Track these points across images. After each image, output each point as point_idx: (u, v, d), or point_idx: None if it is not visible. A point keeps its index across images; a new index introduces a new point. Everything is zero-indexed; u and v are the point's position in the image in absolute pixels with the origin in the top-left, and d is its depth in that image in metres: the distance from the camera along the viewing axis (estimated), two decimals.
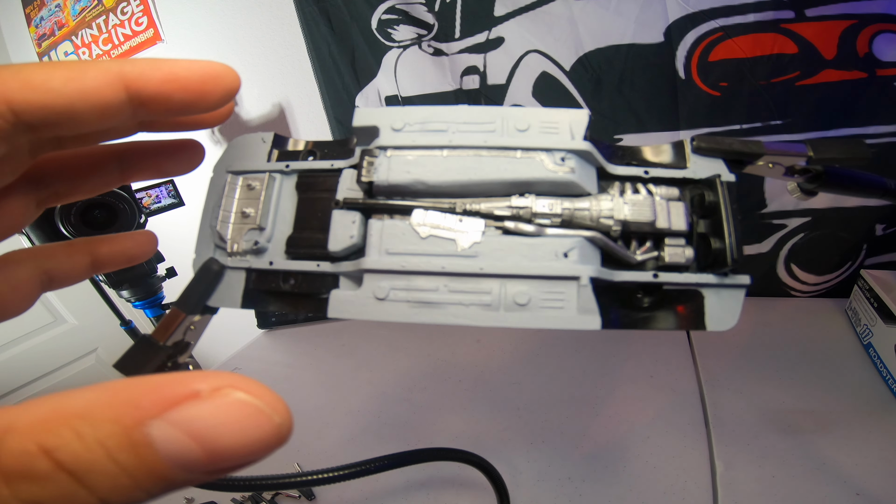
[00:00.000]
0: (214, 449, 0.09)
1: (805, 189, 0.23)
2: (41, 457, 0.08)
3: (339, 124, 0.81)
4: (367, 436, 0.52)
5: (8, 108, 0.12)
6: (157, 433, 0.08)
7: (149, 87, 0.14)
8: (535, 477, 0.43)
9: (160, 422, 0.08)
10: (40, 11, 1.08)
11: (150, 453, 0.08)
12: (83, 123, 0.13)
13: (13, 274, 0.17)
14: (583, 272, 0.18)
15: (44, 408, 0.08)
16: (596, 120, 0.51)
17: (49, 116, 0.12)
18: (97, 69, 0.13)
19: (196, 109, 0.15)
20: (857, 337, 0.55)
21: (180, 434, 0.08)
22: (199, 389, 0.09)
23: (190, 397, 0.09)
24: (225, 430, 0.09)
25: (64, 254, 0.19)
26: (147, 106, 0.14)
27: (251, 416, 0.09)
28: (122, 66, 0.13)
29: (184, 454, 0.08)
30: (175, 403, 0.08)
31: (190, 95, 0.14)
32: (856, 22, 0.51)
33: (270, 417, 0.09)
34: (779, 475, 0.39)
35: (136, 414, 0.08)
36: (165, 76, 0.14)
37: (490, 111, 0.20)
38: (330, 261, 0.20)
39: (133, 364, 0.20)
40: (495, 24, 0.64)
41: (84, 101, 0.13)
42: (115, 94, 0.13)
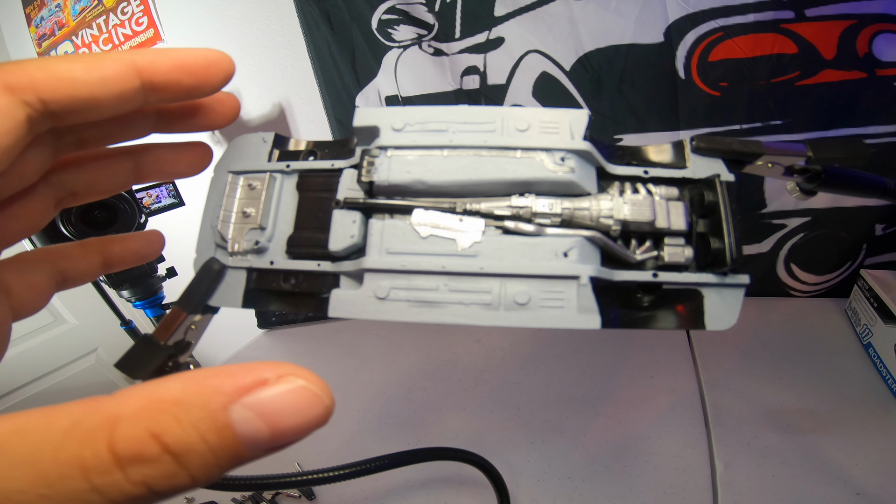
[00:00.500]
0: (278, 428, 0.10)
1: (804, 189, 0.23)
2: (151, 441, 0.09)
3: (340, 124, 0.81)
4: (367, 436, 0.52)
5: (37, 98, 0.13)
6: (236, 416, 0.09)
7: (159, 74, 0.15)
8: (535, 477, 0.43)
9: (238, 406, 0.09)
10: (40, 11, 1.08)
11: (231, 433, 0.09)
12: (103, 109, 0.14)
13: (29, 274, 0.17)
14: (583, 272, 0.18)
15: (142, 397, 0.09)
16: (596, 120, 0.51)
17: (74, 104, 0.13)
18: (113, 58, 0.14)
19: (199, 93, 0.16)
20: (856, 337, 0.55)
21: (253, 415, 0.10)
22: (268, 377, 0.10)
23: (260, 384, 0.10)
24: (288, 411, 0.10)
25: (77, 254, 0.19)
26: (158, 91, 0.15)
27: (308, 398, 0.10)
28: (133, 55, 0.14)
29: (255, 433, 0.10)
30: (249, 389, 0.10)
31: (195, 80, 0.16)
32: (855, 22, 0.51)
33: (322, 399, 0.10)
34: (779, 475, 0.39)
35: (220, 400, 0.09)
36: (173, 62, 0.15)
37: (490, 111, 0.20)
38: (330, 260, 0.20)
39: (134, 364, 0.20)
40: (495, 24, 0.64)
41: (104, 88, 0.14)
42: (131, 80, 0.14)
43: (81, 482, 0.08)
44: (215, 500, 0.44)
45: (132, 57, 0.14)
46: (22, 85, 0.13)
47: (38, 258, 0.18)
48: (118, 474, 0.09)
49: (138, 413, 0.09)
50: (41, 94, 0.13)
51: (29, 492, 0.08)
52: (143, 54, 0.15)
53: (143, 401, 0.09)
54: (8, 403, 1.17)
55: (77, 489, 0.08)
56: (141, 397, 0.09)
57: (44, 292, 0.18)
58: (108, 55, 0.14)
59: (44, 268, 0.18)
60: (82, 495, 0.08)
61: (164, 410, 0.09)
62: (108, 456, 0.09)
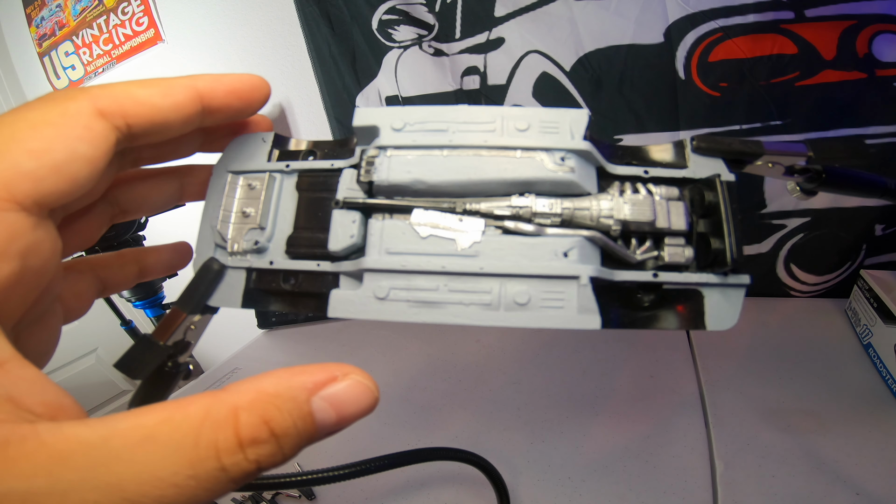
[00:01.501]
0: (343, 415, 0.12)
1: (805, 189, 0.23)
2: (264, 427, 0.11)
3: (340, 124, 0.81)
4: (367, 436, 0.52)
5: (125, 123, 0.15)
6: (316, 405, 0.12)
7: (217, 98, 0.17)
8: (535, 477, 0.43)
9: (317, 398, 0.12)
10: (41, 11, 1.08)
11: (312, 420, 0.12)
12: (171, 131, 0.16)
13: (76, 282, 0.19)
14: (583, 272, 0.18)
15: (252, 391, 0.11)
16: (596, 120, 0.51)
17: (151, 127, 0.15)
18: (180, 84, 0.16)
19: (244, 114, 0.18)
20: (856, 337, 0.55)
21: (327, 405, 0.12)
22: (336, 374, 0.12)
23: (332, 380, 0.12)
24: (351, 401, 0.12)
25: (116, 263, 0.21)
26: (213, 114, 0.17)
27: (364, 391, 0.13)
28: (195, 81, 0.16)
29: (327, 419, 0.12)
30: (325, 385, 0.12)
31: (242, 103, 0.18)
32: (855, 22, 0.51)
33: (373, 391, 0.13)
34: (779, 475, 0.39)
35: (305, 393, 0.12)
36: (228, 88, 0.17)
37: (490, 111, 0.20)
38: (330, 260, 0.20)
39: (133, 364, 0.20)
40: (496, 24, 0.64)
41: (175, 112, 0.16)
42: (195, 105, 0.16)
43: (215, 462, 0.10)
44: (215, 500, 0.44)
45: (195, 83, 0.16)
46: (112, 110, 0.14)
47: (83, 268, 0.20)
48: (240, 455, 0.10)
49: (253, 404, 0.11)
50: (128, 119, 0.15)
51: (179, 473, 0.10)
52: (203, 80, 0.16)
53: (254, 393, 0.11)
54: None
55: (212, 469, 0.10)
56: (251, 390, 0.11)
57: (88, 299, 0.20)
58: (177, 82, 0.16)
59: (88, 277, 0.20)
60: (215, 474, 0.10)
61: (268, 402, 0.11)
62: (235, 440, 0.10)
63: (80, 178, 0.14)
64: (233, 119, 0.19)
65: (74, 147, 0.13)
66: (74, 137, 0.13)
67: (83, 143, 0.14)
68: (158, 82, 0.15)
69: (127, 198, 0.20)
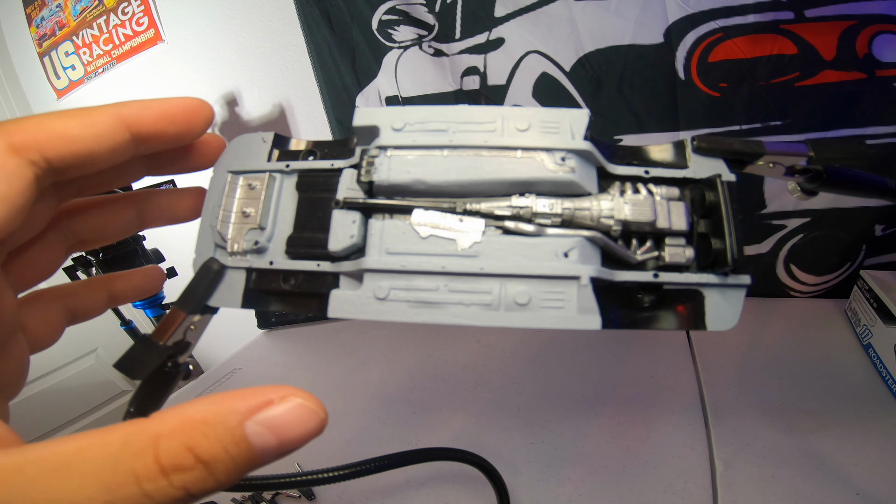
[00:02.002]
0: (284, 438, 0.12)
1: (805, 189, 0.23)
2: (187, 453, 0.11)
3: (340, 124, 0.81)
4: (367, 436, 0.52)
5: (41, 157, 0.14)
6: (250, 430, 0.11)
7: (146, 125, 0.16)
8: (535, 477, 0.43)
9: (251, 422, 0.12)
10: (41, 11, 1.08)
11: (247, 445, 0.11)
12: (100, 162, 0.15)
13: (43, 311, 0.19)
14: (583, 272, 0.18)
15: (176, 418, 0.11)
16: (596, 120, 0.51)
17: (74, 160, 0.15)
18: (103, 113, 0.15)
19: (184, 140, 0.18)
20: (856, 337, 0.55)
21: (263, 429, 0.12)
22: (273, 398, 0.12)
23: (267, 403, 0.12)
24: (291, 424, 0.12)
25: (84, 291, 0.21)
26: (146, 141, 0.16)
27: (306, 413, 0.12)
28: (121, 108, 0.16)
29: (266, 443, 0.12)
30: (259, 409, 0.12)
31: (178, 128, 0.17)
32: (855, 23, 0.51)
33: (317, 413, 0.13)
34: (779, 475, 0.39)
35: (236, 418, 0.11)
36: (157, 113, 0.16)
37: (490, 111, 0.20)
38: (330, 260, 0.20)
39: (133, 364, 0.20)
40: (495, 24, 0.64)
41: (99, 143, 0.15)
42: (122, 133, 0.15)
43: (135, 488, 0.10)
44: (215, 500, 0.44)
45: (120, 110, 0.15)
46: (27, 145, 0.14)
47: (50, 297, 0.20)
48: (163, 481, 0.11)
49: (175, 431, 0.11)
50: (44, 153, 0.14)
51: (96, 499, 0.10)
52: (129, 107, 0.16)
53: (178, 420, 0.11)
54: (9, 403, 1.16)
55: (132, 494, 0.10)
56: (175, 417, 0.11)
57: (57, 328, 0.19)
58: (99, 110, 0.15)
59: (55, 306, 0.19)
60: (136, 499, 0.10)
61: (194, 428, 0.11)
62: (155, 466, 0.11)
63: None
64: (173, 145, 0.18)
65: None
66: None
67: None
68: (79, 112, 0.15)
69: (81, 228, 0.20)
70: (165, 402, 0.22)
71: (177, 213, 0.21)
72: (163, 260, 0.84)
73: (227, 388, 0.67)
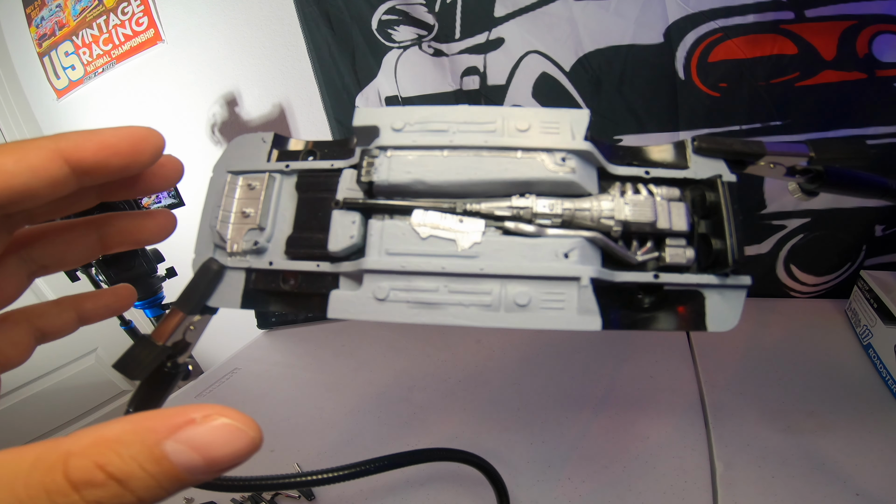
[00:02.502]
0: (211, 456, 0.12)
1: (806, 189, 0.23)
2: (97, 470, 0.11)
3: (340, 124, 0.81)
4: (367, 436, 0.52)
5: None
6: (170, 449, 0.12)
7: (86, 157, 0.15)
8: (535, 477, 0.43)
9: (171, 441, 0.12)
10: (41, 11, 1.08)
11: (168, 463, 0.12)
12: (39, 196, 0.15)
13: (11, 332, 0.19)
14: (583, 273, 0.18)
15: (89, 437, 0.12)
16: (596, 120, 0.51)
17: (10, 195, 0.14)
18: (38, 147, 0.15)
19: (130, 171, 0.17)
20: (856, 337, 0.55)
21: (186, 448, 0.12)
22: (195, 417, 0.12)
23: (189, 423, 0.12)
24: (216, 443, 0.12)
25: (52, 311, 0.21)
26: (90, 174, 0.16)
27: (233, 432, 0.12)
28: (57, 141, 0.15)
29: (190, 461, 0.12)
30: (179, 428, 0.12)
31: (123, 159, 0.16)
32: (855, 23, 0.51)
33: (246, 433, 0.12)
34: (779, 475, 0.39)
35: (154, 437, 0.12)
36: (97, 146, 0.16)
37: (490, 111, 0.20)
38: (330, 261, 0.20)
39: (132, 364, 0.20)
40: (495, 24, 0.64)
41: (34, 178, 0.15)
42: (59, 167, 0.15)
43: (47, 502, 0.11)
44: (214, 500, 0.44)
45: (56, 144, 0.15)
46: None
47: (18, 318, 0.20)
48: (75, 496, 0.11)
49: (87, 449, 0.11)
50: None
51: None
52: (67, 139, 0.15)
53: (91, 439, 0.12)
54: (9, 403, 1.17)
55: None
56: (89, 436, 0.12)
57: (25, 348, 0.19)
58: (33, 144, 0.15)
59: (23, 326, 0.20)
60: None
61: (107, 446, 0.11)
62: (65, 482, 0.11)
63: None
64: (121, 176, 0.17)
65: None
66: None
67: None
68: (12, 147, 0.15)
69: (40, 254, 0.20)
70: (165, 401, 0.22)
71: (140, 237, 0.21)
72: (162, 260, 0.84)
73: (228, 388, 0.67)
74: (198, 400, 0.63)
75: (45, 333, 0.20)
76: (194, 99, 0.98)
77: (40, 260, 0.20)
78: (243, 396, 0.65)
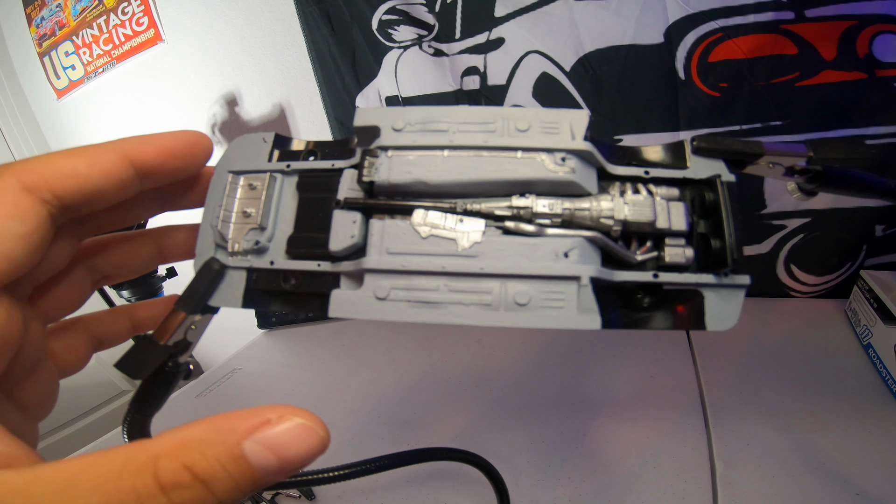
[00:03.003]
0: (285, 457, 0.12)
1: (805, 189, 0.23)
2: (185, 472, 0.11)
3: (340, 124, 0.81)
4: (367, 436, 0.52)
5: (53, 196, 0.15)
6: (249, 449, 0.12)
7: (147, 160, 0.16)
8: (535, 477, 0.43)
9: (249, 441, 0.12)
10: (41, 11, 1.08)
11: (246, 463, 0.12)
12: (108, 198, 0.16)
13: (70, 339, 0.20)
14: (583, 272, 0.18)
15: (174, 439, 0.12)
16: (596, 120, 0.51)
17: (84, 197, 0.15)
18: (107, 150, 0.16)
19: (186, 172, 0.18)
20: (856, 337, 0.55)
21: (263, 448, 0.12)
22: (270, 418, 0.12)
23: (265, 423, 0.12)
24: (291, 443, 0.12)
25: (108, 320, 0.22)
26: (150, 175, 0.17)
27: (306, 432, 0.13)
28: (123, 144, 0.16)
29: (266, 462, 0.12)
30: (257, 428, 0.12)
31: (180, 161, 0.17)
32: (856, 23, 0.51)
33: (317, 432, 0.13)
34: (779, 475, 0.39)
35: (235, 438, 0.12)
36: (158, 147, 0.17)
37: (490, 111, 0.20)
38: (331, 260, 0.20)
39: (134, 364, 0.20)
40: (496, 24, 0.64)
41: (106, 179, 0.16)
42: (126, 169, 0.16)
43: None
44: None
45: (122, 146, 0.16)
46: (38, 185, 0.14)
47: (76, 326, 0.21)
48: (163, 498, 0.11)
49: (174, 450, 0.12)
50: (55, 192, 0.15)
51: None
52: (130, 143, 0.16)
53: (178, 440, 0.12)
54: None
55: None
56: (175, 438, 0.12)
57: (84, 355, 0.21)
58: (103, 147, 0.16)
59: (81, 334, 0.21)
60: None
61: (192, 448, 0.12)
62: (155, 484, 0.11)
63: (17, 255, 0.14)
64: (177, 178, 0.18)
65: (4, 226, 0.14)
66: (3, 216, 0.14)
67: (12, 220, 0.14)
68: (84, 150, 0.15)
69: (105, 264, 0.21)
70: (166, 401, 0.23)
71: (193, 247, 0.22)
72: None
73: (228, 387, 0.67)
74: (198, 400, 0.63)
75: (102, 341, 0.21)
76: (194, 99, 0.98)
77: (105, 269, 0.21)
78: (243, 396, 0.65)
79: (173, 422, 0.13)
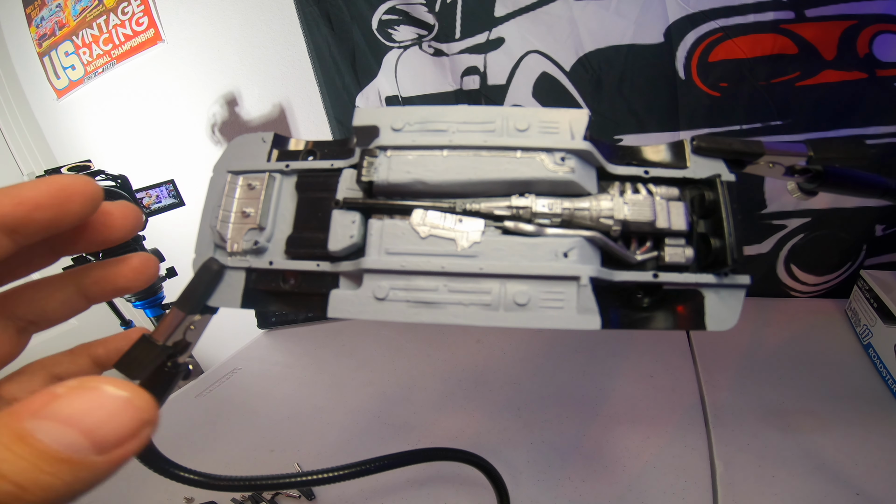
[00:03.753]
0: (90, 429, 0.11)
1: (805, 189, 0.23)
2: None
3: (340, 124, 0.81)
4: (367, 436, 0.52)
5: None
6: (33, 426, 0.11)
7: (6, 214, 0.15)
8: (535, 477, 0.43)
9: (34, 418, 0.11)
10: (41, 11, 1.08)
11: (34, 441, 0.11)
12: None
13: (29, 382, 0.19)
14: (583, 272, 0.18)
15: None
16: (596, 120, 0.51)
17: None
18: None
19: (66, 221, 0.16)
20: (856, 337, 0.55)
21: (54, 424, 0.11)
22: (59, 392, 0.12)
23: (53, 398, 0.11)
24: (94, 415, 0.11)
25: (68, 360, 0.21)
26: (18, 231, 0.15)
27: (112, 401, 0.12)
28: None
29: (64, 437, 0.11)
30: (45, 405, 0.11)
31: (49, 212, 0.16)
32: (856, 23, 0.51)
33: (131, 401, 0.12)
34: (779, 475, 0.39)
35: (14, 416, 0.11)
36: (13, 201, 0.15)
37: (490, 111, 0.20)
38: (330, 261, 0.20)
39: (133, 364, 0.20)
40: (495, 24, 0.64)
41: None
42: None
43: None
44: (215, 500, 0.44)
45: None
46: None
47: (35, 369, 0.20)
48: None
49: None
50: None
51: None
52: None
53: None
54: None
55: None
56: None
57: None
58: None
59: (40, 376, 0.20)
60: None
61: None
62: None
63: None
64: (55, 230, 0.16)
65: None
66: None
67: None
68: None
69: (24, 311, 0.19)
70: (165, 402, 0.23)
71: (118, 284, 0.20)
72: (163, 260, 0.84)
73: (228, 388, 0.67)
74: (197, 400, 0.63)
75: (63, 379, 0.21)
76: (194, 99, 0.98)
77: (25, 316, 0.19)
78: (243, 396, 0.65)
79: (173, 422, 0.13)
